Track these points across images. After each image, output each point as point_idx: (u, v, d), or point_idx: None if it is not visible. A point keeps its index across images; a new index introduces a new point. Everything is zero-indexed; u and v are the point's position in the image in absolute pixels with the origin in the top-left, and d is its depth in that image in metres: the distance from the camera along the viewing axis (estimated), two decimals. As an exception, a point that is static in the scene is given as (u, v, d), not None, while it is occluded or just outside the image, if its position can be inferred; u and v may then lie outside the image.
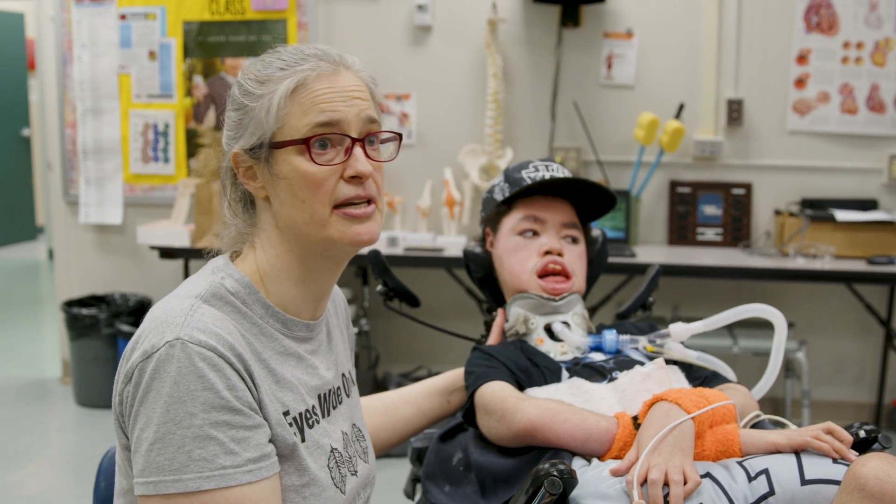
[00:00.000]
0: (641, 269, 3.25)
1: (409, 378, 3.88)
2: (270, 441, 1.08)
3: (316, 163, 1.10)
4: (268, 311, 1.15)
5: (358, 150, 1.13)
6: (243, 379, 1.05)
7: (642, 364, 1.56)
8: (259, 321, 1.14)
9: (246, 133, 1.14)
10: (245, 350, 1.07)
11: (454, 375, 1.68)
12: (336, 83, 1.13)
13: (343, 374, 1.32)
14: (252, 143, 1.13)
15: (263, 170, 1.14)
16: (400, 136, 1.22)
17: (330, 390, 1.24)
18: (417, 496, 1.71)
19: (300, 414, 1.15)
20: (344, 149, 1.12)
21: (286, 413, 1.12)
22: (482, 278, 1.88)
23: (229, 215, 1.22)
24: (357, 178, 1.13)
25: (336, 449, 1.21)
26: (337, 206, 1.13)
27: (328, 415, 1.22)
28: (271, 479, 1.06)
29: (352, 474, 1.23)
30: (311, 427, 1.16)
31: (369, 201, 1.15)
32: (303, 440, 1.13)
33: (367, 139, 1.15)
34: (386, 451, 1.62)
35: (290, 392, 1.14)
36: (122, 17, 4.04)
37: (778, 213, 3.73)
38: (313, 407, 1.18)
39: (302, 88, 1.11)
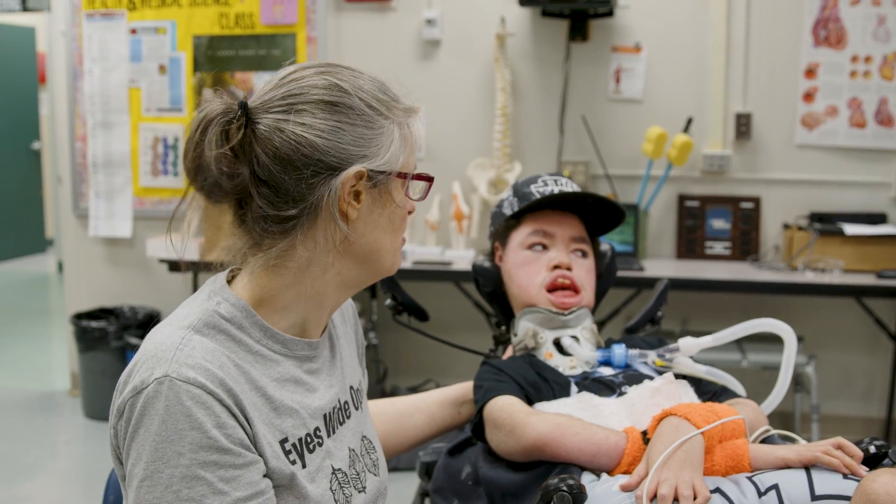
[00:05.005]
0: (650, 283, 3.25)
1: (417, 392, 3.87)
2: (266, 476, 1.06)
3: (414, 199, 1.23)
4: (265, 333, 1.13)
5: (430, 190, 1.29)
6: (234, 415, 1.03)
7: (651, 378, 1.56)
8: (256, 346, 1.12)
9: (380, 151, 1.14)
10: (238, 383, 1.05)
11: (465, 387, 1.68)
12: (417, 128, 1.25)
13: (351, 387, 1.30)
14: (380, 165, 1.14)
15: (373, 192, 1.15)
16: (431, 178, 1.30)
17: (335, 408, 1.22)
18: (426, 510, 1.71)
19: (300, 440, 1.13)
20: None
21: (284, 441, 1.10)
22: (491, 292, 1.88)
23: (277, 231, 1.14)
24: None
25: (339, 469, 1.19)
26: None
27: (334, 433, 1.20)
28: None
29: (359, 491, 1.22)
30: (311, 451, 1.14)
31: None
32: (304, 466, 1.12)
33: None
34: (394, 457, 1.63)
35: (290, 418, 1.12)
36: (133, 31, 4.07)
37: (786, 226, 3.72)
38: (316, 429, 1.16)
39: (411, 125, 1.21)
